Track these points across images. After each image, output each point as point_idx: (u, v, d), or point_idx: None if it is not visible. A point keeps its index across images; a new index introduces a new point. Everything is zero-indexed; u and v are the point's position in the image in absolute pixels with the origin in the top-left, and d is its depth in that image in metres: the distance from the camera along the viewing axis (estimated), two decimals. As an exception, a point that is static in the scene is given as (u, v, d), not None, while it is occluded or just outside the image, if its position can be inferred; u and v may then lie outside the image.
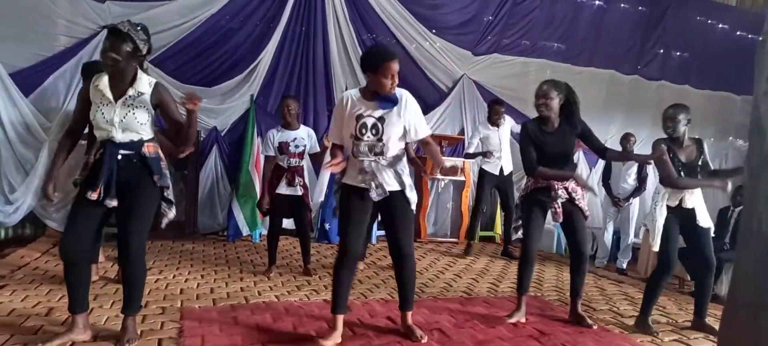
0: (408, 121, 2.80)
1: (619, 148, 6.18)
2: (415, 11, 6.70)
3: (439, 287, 4.26)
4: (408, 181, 2.88)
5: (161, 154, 2.68)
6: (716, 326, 3.41)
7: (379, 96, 2.75)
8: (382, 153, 2.78)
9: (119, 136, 2.53)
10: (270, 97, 6.28)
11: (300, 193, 4.34)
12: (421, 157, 4.89)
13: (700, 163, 3.44)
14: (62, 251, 2.52)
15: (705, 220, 3.43)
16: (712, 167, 3.56)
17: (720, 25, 8.60)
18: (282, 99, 4.56)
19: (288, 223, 6.21)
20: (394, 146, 2.81)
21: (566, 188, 3.36)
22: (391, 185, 2.82)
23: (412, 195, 2.87)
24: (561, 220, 3.36)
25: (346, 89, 6.31)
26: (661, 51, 8.24)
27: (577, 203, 3.37)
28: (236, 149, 6.05)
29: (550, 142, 3.33)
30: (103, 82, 2.54)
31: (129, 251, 2.55)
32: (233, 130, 6.12)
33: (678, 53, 8.41)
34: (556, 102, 3.31)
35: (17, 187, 5.26)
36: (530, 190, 3.44)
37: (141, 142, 2.59)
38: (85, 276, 2.64)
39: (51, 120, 5.33)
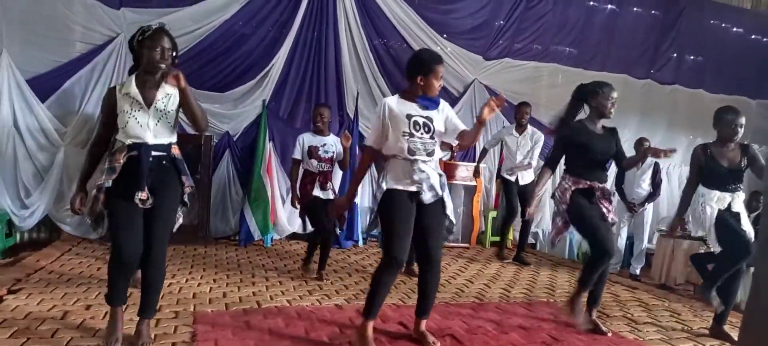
0: (448, 119, 2.89)
1: (633, 152, 6.14)
2: (426, 16, 6.71)
3: (450, 293, 4.24)
4: (447, 189, 2.93)
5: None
6: (734, 335, 3.37)
7: (421, 97, 2.82)
8: (433, 153, 2.83)
9: (151, 139, 2.56)
10: (282, 102, 6.31)
11: (331, 197, 4.47)
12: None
13: (743, 166, 3.43)
14: (125, 256, 2.53)
15: (747, 225, 3.43)
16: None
17: (734, 29, 8.51)
18: (315, 107, 4.72)
19: (301, 226, 6.28)
20: (439, 147, 2.88)
21: (602, 189, 3.36)
22: (437, 188, 2.83)
23: (448, 201, 2.91)
24: (616, 220, 3.35)
25: (357, 94, 6.38)
26: (675, 55, 8.17)
27: (609, 207, 3.37)
28: (248, 154, 6.08)
29: (600, 142, 3.35)
30: (133, 88, 2.56)
31: (153, 253, 2.57)
32: (245, 134, 6.15)
33: (692, 57, 8.33)
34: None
35: (33, 191, 5.32)
36: (573, 191, 3.36)
37: (170, 145, 2.65)
38: (129, 273, 2.69)
39: (67, 125, 5.39)
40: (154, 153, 2.58)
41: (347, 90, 6.48)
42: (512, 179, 5.70)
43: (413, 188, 2.78)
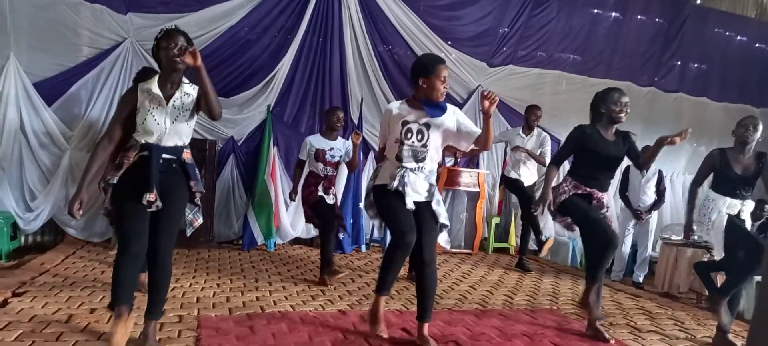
0: (461, 123, 2.94)
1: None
2: (431, 23, 6.73)
3: (453, 299, 4.24)
4: (437, 196, 2.98)
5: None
6: (738, 343, 3.36)
7: (427, 103, 2.85)
8: (424, 160, 2.88)
9: (165, 139, 2.58)
10: (286, 108, 6.33)
11: (332, 202, 4.51)
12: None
13: (755, 176, 3.44)
14: (133, 250, 2.54)
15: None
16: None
17: (739, 37, 8.50)
18: (333, 109, 4.72)
19: (305, 231, 6.30)
20: (434, 155, 2.93)
21: (602, 199, 3.38)
22: (422, 194, 2.90)
23: (439, 209, 2.96)
24: (614, 223, 3.34)
25: (361, 100, 6.40)
26: (679, 63, 8.17)
27: (608, 215, 3.39)
28: (253, 159, 6.10)
29: (610, 148, 3.37)
30: (155, 86, 2.59)
31: (159, 255, 2.59)
32: (250, 139, 6.17)
33: (696, 65, 8.33)
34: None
35: (38, 194, 5.34)
36: (572, 194, 3.39)
37: (182, 148, 2.67)
38: (136, 272, 2.67)
39: (72, 129, 5.42)
40: (164, 155, 2.60)
41: (352, 96, 6.50)
42: (516, 176, 5.67)
43: (399, 188, 2.85)
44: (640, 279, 5.95)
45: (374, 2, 6.42)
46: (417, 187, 2.90)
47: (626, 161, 7.37)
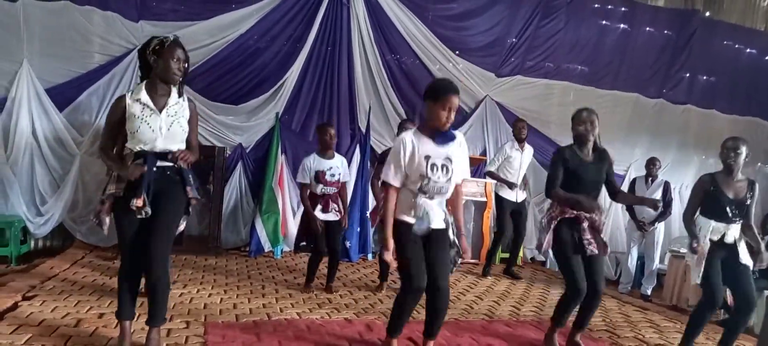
0: (461, 157, 2.87)
1: (644, 173, 6.14)
2: (439, 33, 6.75)
3: (460, 309, 4.24)
4: (451, 219, 2.94)
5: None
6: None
7: (435, 135, 2.78)
8: (446, 193, 2.84)
9: (161, 145, 2.60)
10: (295, 116, 6.37)
11: (335, 218, 4.42)
12: None
13: (748, 201, 3.39)
14: (129, 268, 2.62)
15: (746, 257, 3.37)
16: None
17: (748, 50, 8.46)
18: (323, 126, 4.55)
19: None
20: (454, 186, 2.88)
21: (590, 219, 3.26)
22: (438, 222, 2.83)
23: (454, 238, 2.92)
24: (595, 252, 3.21)
25: (369, 109, 6.42)
26: (687, 75, 8.14)
27: (601, 235, 3.29)
28: (261, 166, 6.13)
29: (588, 168, 3.28)
30: (144, 94, 2.61)
31: (153, 263, 2.57)
32: (258, 147, 6.21)
33: (704, 77, 8.29)
34: (597, 129, 3.30)
35: (48, 199, 5.39)
36: (558, 220, 3.29)
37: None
38: (136, 284, 2.73)
39: (83, 134, 5.48)
40: (160, 163, 2.61)
41: (359, 105, 6.53)
42: (512, 198, 5.73)
43: (413, 220, 2.80)
44: (648, 292, 5.90)
45: (383, 11, 6.46)
46: (433, 216, 2.82)
47: (633, 173, 7.35)
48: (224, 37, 5.92)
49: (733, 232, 3.38)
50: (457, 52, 6.90)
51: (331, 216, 4.42)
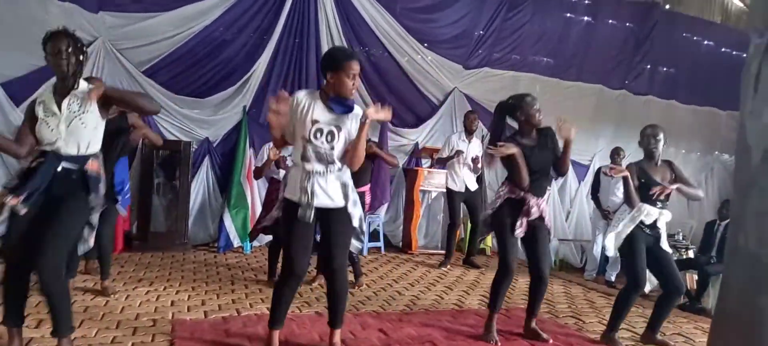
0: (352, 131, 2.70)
1: (609, 162, 6.28)
2: (407, 25, 6.77)
3: (430, 300, 4.28)
4: (353, 195, 2.77)
5: (102, 176, 2.60)
6: (676, 339, 3.46)
7: (334, 100, 2.65)
8: (332, 162, 2.67)
9: (64, 148, 2.47)
10: (262, 109, 6.28)
11: None
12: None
13: (673, 182, 3.50)
14: (10, 267, 2.43)
15: (666, 244, 3.50)
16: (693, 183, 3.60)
17: (705, 42, 8.75)
18: None
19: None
20: (342, 156, 2.70)
21: (539, 206, 3.28)
22: (336, 199, 2.70)
23: (354, 210, 2.76)
24: (522, 234, 3.25)
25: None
26: (649, 66, 8.37)
27: (545, 221, 3.31)
28: (228, 160, 6.05)
29: (536, 155, 3.27)
30: (47, 94, 2.52)
31: (40, 261, 2.34)
32: (225, 141, 6.13)
33: (665, 69, 8.54)
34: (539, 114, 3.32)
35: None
36: (503, 201, 3.31)
37: (86, 158, 2.52)
38: (25, 287, 2.50)
39: (41, 130, 5.30)
40: (64, 164, 2.46)
41: (328, 97, 6.49)
42: (458, 188, 5.81)
43: (301, 199, 2.63)
44: (612, 278, 6.05)
45: (350, 4, 6.43)
46: (329, 191, 2.67)
47: (597, 162, 7.47)
48: (189, 29, 5.80)
49: (665, 218, 3.48)
50: (425, 44, 6.93)
51: None
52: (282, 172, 4.35)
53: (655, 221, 3.46)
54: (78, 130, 2.49)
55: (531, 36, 7.51)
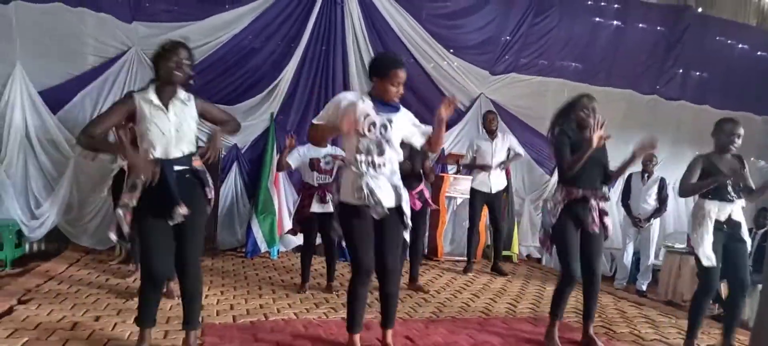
0: (413, 121, 2.89)
1: (641, 169, 6.15)
2: (433, 31, 6.76)
3: (456, 307, 4.25)
4: (405, 195, 2.85)
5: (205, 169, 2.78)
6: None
7: (380, 102, 2.77)
8: (384, 153, 2.74)
9: (173, 150, 2.59)
10: (290, 116, 6.35)
11: (331, 210, 4.38)
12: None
13: (742, 176, 3.41)
14: (156, 277, 2.63)
15: (746, 234, 3.38)
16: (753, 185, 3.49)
17: (740, 45, 8.50)
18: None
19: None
20: (396, 151, 2.80)
21: (599, 202, 3.27)
22: (388, 200, 2.76)
23: (406, 208, 2.85)
24: (598, 230, 3.22)
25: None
26: (680, 70, 8.17)
27: (604, 220, 3.29)
28: (256, 167, 6.12)
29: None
30: (153, 94, 2.59)
31: (189, 267, 2.66)
32: (253, 147, 6.20)
33: (697, 73, 8.33)
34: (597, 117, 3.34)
35: (43, 202, 5.37)
36: (566, 203, 3.27)
37: (191, 156, 2.67)
38: (160, 293, 2.77)
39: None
40: (176, 167, 2.59)
41: (355, 104, 6.52)
42: (485, 189, 5.75)
43: (361, 202, 2.71)
44: (644, 287, 5.93)
45: (377, 11, 6.46)
46: (382, 193, 2.73)
47: (629, 168, 7.34)
48: (218, 38, 5.90)
49: (737, 210, 3.35)
50: (451, 50, 6.90)
51: (329, 208, 4.34)
52: (315, 174, 4.37)
53: (729, 215, 3.34)
54: (185, 134, 2.64)
55: (558, 41, 7.42)
